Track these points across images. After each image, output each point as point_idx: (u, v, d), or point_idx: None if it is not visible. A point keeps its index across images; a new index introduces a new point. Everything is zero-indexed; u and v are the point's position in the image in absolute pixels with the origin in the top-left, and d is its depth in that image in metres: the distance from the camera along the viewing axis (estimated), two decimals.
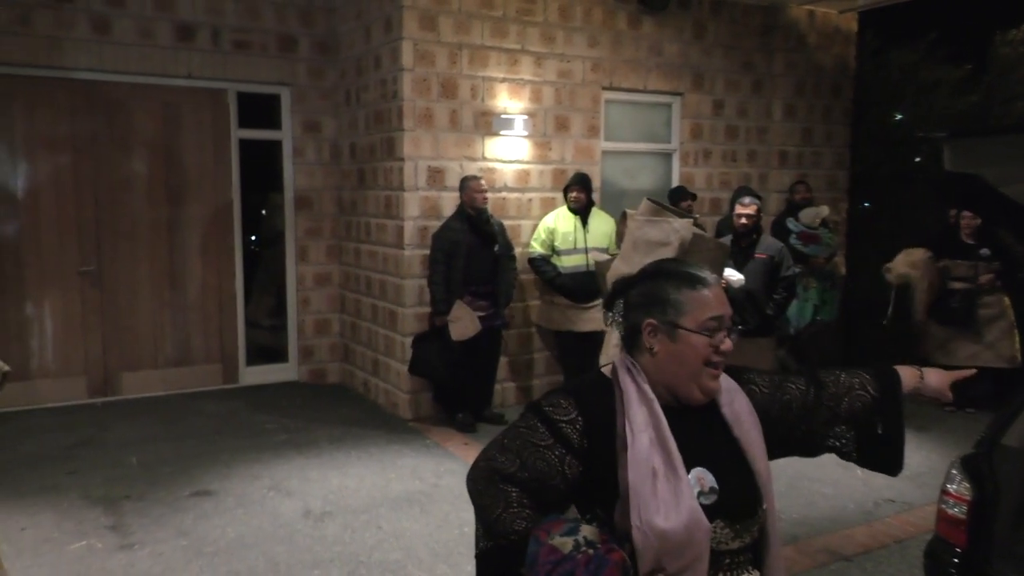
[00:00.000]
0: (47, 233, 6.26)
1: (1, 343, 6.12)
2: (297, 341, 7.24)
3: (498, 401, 6.41)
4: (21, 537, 4.06)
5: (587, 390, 1.71)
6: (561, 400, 1.67)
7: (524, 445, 1.64)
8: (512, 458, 1.65)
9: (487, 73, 6.20)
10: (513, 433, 1.69)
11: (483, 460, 1.71)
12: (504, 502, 1.63)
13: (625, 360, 1.69)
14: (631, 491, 1.54)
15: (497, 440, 1.72)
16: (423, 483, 4.89)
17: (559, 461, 1.62)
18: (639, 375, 1.66)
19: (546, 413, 1.65)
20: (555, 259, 6.13)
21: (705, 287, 1.67)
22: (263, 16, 6.72)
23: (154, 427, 5.87)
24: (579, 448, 1.62)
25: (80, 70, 6.17)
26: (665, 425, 1.60)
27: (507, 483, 1.64)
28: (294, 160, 7.04)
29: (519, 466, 1.64)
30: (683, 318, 1.64)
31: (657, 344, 1.65)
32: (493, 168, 6.30)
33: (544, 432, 1.64)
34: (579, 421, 1.63)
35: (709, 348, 1.64)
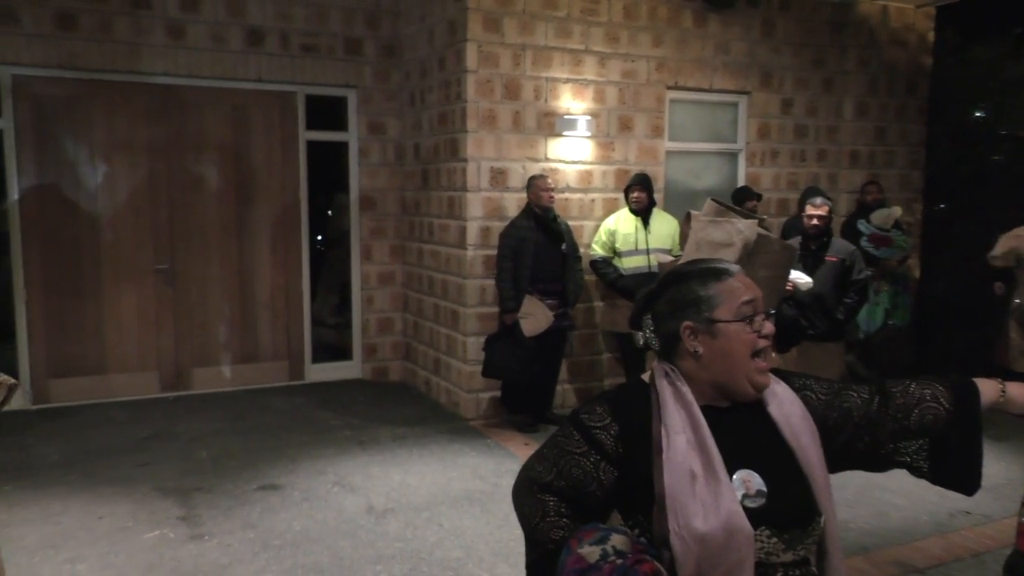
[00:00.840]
0: (124, 232, 6.48)
1: (80, 338, 6.38)
2: (361, 339, 7.35)
3: (559, 403, 6.39)
4: (99, 525, 4.21)
5: (623, 396, 1.70)
6: (597, 407, 1.66)
7: (560, 453, 1.64)
8: (549, 467, 1.65)
9: (550, 74, 6.19)
10: (551, 443, 1.69)
11: (523, 471, 1.72)
12: (542, 511, 1.63)
13: (663, 365, 1.67)
14: (668, 495, 1.51)
15: (537, 450, 1.72)
16: (484, 482, 4.91)
17: (594, 468, 1.60)
18: (677, 378, 1.63)
19: (581, 420, 1.65)
20: (616, 260, 6.09)
21: (730, 276, 1.64)
22: (330, 20, 6.84)
23: (223, 421, 6.03)
24: (614, 454, 1.60)
25: (156, 75, 6.37)
26: (704, 426, 1.57)
27: (545, 492, 1.64)
28: (359, 161, 7.15)
29: (556, 474, 1.63)
30: (718, 311, 1.61)
31: (700, 345, 1.62)
32: (556, 169, 6.28)
33: (579, 439, 1.63)
34: (613, 427, 1.62)
35: (752, 334, 1.61)
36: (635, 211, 6.09)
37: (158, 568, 3.76)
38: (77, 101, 6.25)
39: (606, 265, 6.10)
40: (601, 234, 6.16)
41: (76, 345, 6.38)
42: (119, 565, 3.78)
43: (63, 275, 6.31)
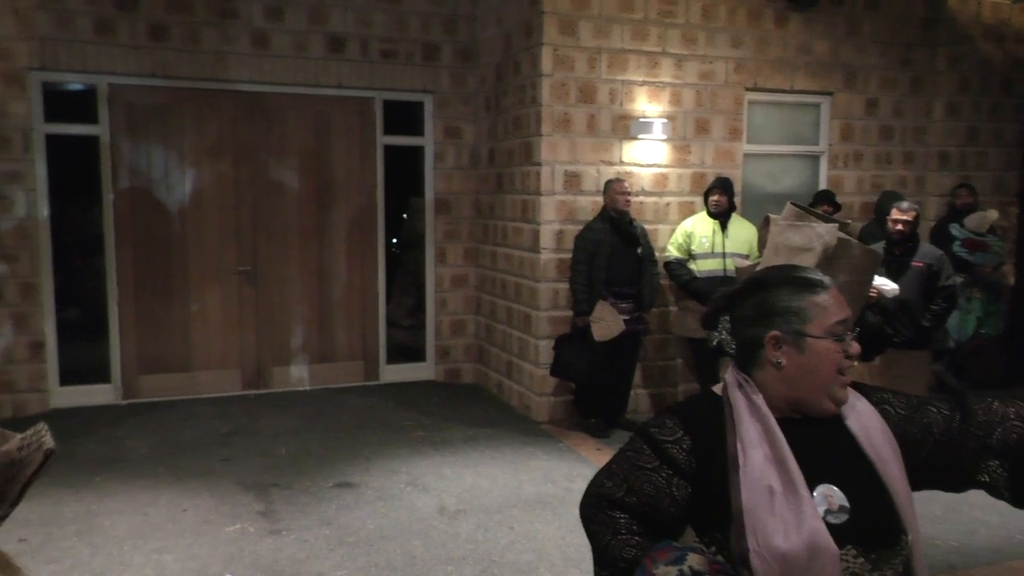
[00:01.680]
0: (209, 235, 6.72)
1: (168, 337, 6.63)
2: (434, 341, 7.43)
3: (632, 408, 6.33)
4: (184, 517, 4.37)
5: (694, 409, 1.64)
6: (667, 420, 1.61)
7: (631, 469, 1.59)
8: (619, 483, 1.60)
9: (626, 77, 6.15)
10: (620, 457, 1.64)
11: (592, 486, 1.67)
12: (612, 529, 1.58)
13: (736, 376, 1.60)
14: (745, 512, 1.45)
15: (606, 465, 1.68)
16: (555, 487, 4.90)
17: (666, 483, 1.55)
18: (752, 390, 1.56)
19: (651, 434, 1.59)
20: (691, 263, 6.01)
21: (824, 290, 1.56)
22: (409, 26, 6.95)
23: (301, 419, 6.18)
24: (687, 469, 1.55)
25: (242, 82, 6.58)
26: (782, 440, 1.50)
27: (615, 509, 1.60)
28: (435, 165, 7.24)
29: (626, 491, 1.59)
30: (809, 326, 1.54)
31: (784, 357, 1.55)
32: (630, 172, 6.23)
33: (650, 454, 1.58)
34: (685, 441, 1.56)
35: (840, 354, 1.54)
36: (714, 214, 5.99)
37: (238, 561, 3.88)
38: (167, 108, 6.51)
39: (680, 267, 6.02)
40: (677, 236, 6.09)
41: (164, 343, 6.64)
42: (202, 557, 3.91)
43: (152, 276, 6.58)
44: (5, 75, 5.88)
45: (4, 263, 6.00)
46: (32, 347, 6.15)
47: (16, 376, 6.11)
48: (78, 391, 6.39)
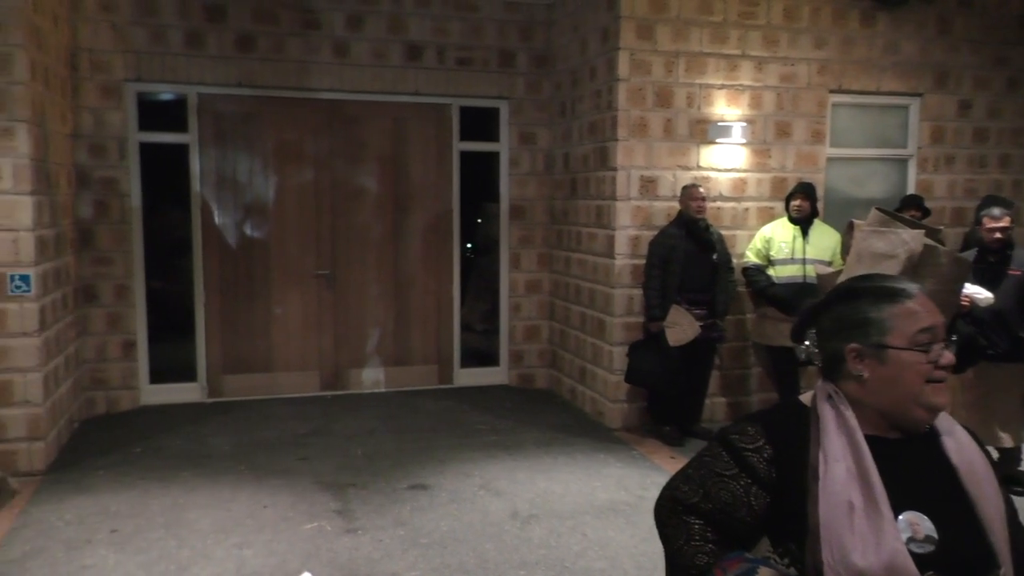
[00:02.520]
0: (290, 239, 6.90)
1: (250, 338, 6.84)
2: (508, 346, 7.45)
3: (707, 416, 6.22)
4: (264, 513, 4.49)
5: (778, 417, 1.60)
6: (748, 427, 1.57)
7: (708, 475, 1.57)
8: (695, 488, 1.58)
9: (704, 80, 6.06)
10: (697, 462, 1.62)
11: (667, 489, 1.65)
12: (686, 534, 1.56)
13: (826, 386, 1.56)
14: (823, 526, 1.41)
15: (682, 469, 1.65)
16: (628, 494, 4.85)
17: (744, 492, 1.52)
18: (841, 402, 1.51)
19: (731, 441, 1.56)
20: (770, 269, 5.87)
21: (908, 298, 1.50)
22: (485, 33, 7.01)
23: (376, 421, 6.28)
24: (766, 478, 1.52)
25: (322, 90, 6.75)
26: (867, 456, 1.45)
27: (689, 514, 1.58)
28: (510, 171, 7.27)
29: (702, 496, 1.56)
30: (889, 337, 1.48)
31: (866, 369, 1.50)
32: (708, 177, 6.14)
33: (728, 461, 1.55)
34: (766, 449, 1.53)
35: (927, 365, 1.47)
36: (795, 219, 5.84)
37: (315, 558, 3.96)
38: (252, 117, 6.72)
39: (758, 273, 5.89)
40: (756, 241, 5.97)
41: (246, 344, 6.85)
42: (281, 553, 4.01)
43: (236, 278, 6.79)
44: (103, 87, 6.17)
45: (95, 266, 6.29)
46: (125, 346, 6.42)
47: (110, 374, 6.40)
48: (166, 389, 6.65)
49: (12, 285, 4.90)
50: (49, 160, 5.34)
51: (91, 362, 6.32)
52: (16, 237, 4.88)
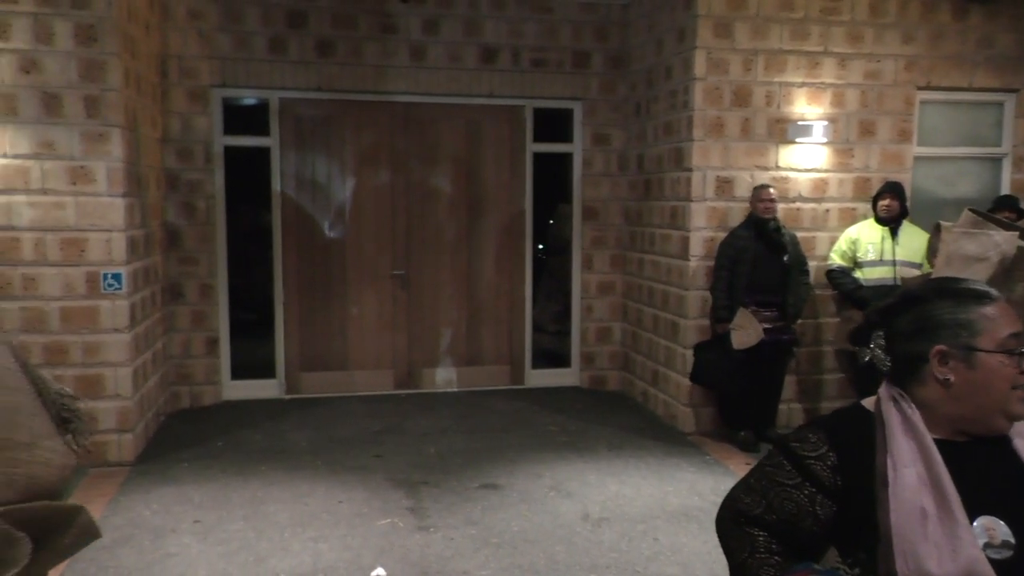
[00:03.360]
0: (367, 240, 7.03)
1: (327, 336, 6.99)
2: (579, 347, 7.43)
3: (783, 422, 6.07)
4: (339, 509, 4.58)
5: (841, 423, 1.54)
6: (809, 435, 1.52)
7: (770, 485, 1.52)
8: (757, 499, 1.53)
9: (784, 79, 5.91)
10: (759, 472, 1.57)
11: (728, 501, 1.61)
12: (750, 546, 1.52)
13: (890, 390, 1.50)
14: (895, 534, 1.36)
15: (743, 480, 1.61)
16: (702, 500, 4.77)
17: (808, 501, 1.47)
18: (907, 405, 1.46)
19: (792, 449, 1.52)
20: (856, 272, 5.69)
21: (992, 301, 1.45)
22: (560, 35, 7.00)
23: (449, 420, 6.33)
24: (831, 486, 1.47)
25: (399, 93, 6.85)
26: (938, 460, 1.39)
27: (753, 526, 1.53)
28: (583, 172, 7.25)
29: (765, 507, 1.52)
30: (979, 339, 1.42)
31: (952, 373, 1.44)
32: (787, 177, 5.99)
33: (790, 470, 1.50)
34: (830, 457, 1.48)
35: (1014, 369, 1.42)
36: (884, 220, 5.64)
37: (389, 554, 4.02)
38: (330, 120, 6.87)
39: (843, 275, 5.72)
40: (841, 243, 5.80)
41: (323, 342, 7.00)
42: (355, 548, 4.09)
43: (314, 278, 6.96)
44: (190, 92, 6.41)
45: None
46: (208, 343, 6.65)
47: (194, 369, 6.63)
48: (246, 385, 6.85)
49: (105, 283, 5.13)
50: (140, 163, 5.57)
51: (176, 358, 6.57)
52: (109, 237, 5.10)
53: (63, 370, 5.09)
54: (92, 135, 5.01)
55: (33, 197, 4.98)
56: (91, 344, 5.14)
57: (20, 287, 5.01)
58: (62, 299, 5.07)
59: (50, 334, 5.08)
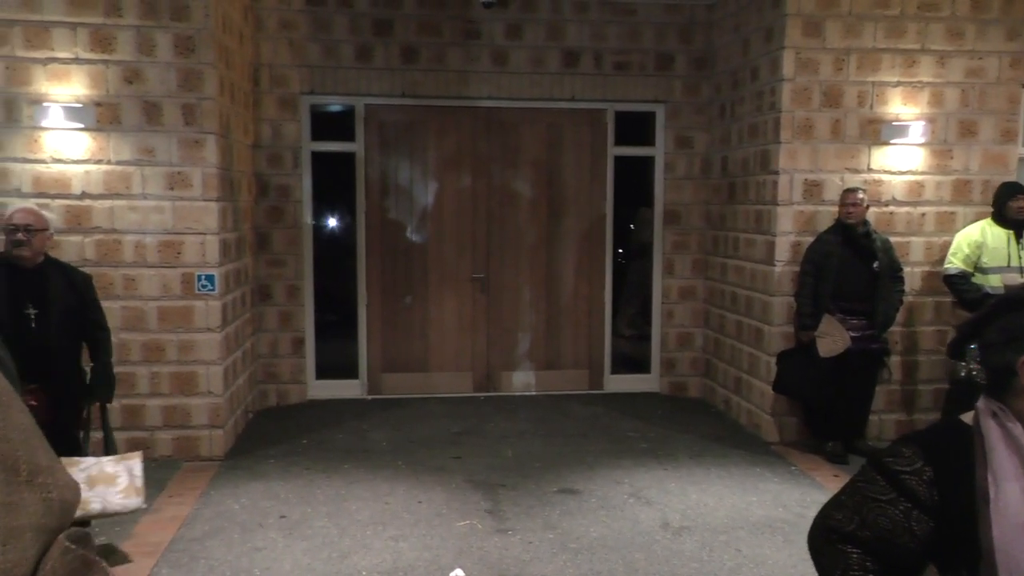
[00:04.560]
0: (448, 243, 7.10)
1: (408, 338, 7.09)
2: (660, 353, 7.33)
3: (874, 434, 5.85)
4: (419, 509, 4.63)
5: (937, 437, 1.49)
6: (903, 449, 1.47)
7: (863, 501, 1.47)
8: (850, 515, 1.49)
9: (877, 78, 5.71)
10: (851, 488, 1.52)
11: (820, 517, 1.56)
12: (844, 565, 1.47)
13: (989, 404, 1.44)
14: (998, 550, 1.30)
15: (835, 496, 1.56)
16: (787, 511, 4.63)
17: (904, 517, 1.42)
18: (1008, 419, 1.40)
19: (886, 464, 1.46)
20: (977, 277, 5.40)
21: None
22: (643, 37, 6.94)
23: (527, 424, 6.34)
24: (927, 502, 1.41)
25: (481, 98, 6.91)
26: None
27: (846, 543, 1.48)
28: (665, 175, 7.15)
29: (858, 524, 1.47)
30: None
31: None
32: (880, 180, 5.78)
33: (884, 485, 1.45)
34: (926, 472, 1.42)
35: None
36: (1012, 222, 5.33)
37: (467, 555, 4.04)
38: (413, 125, 6.98)
39: (965, 281, 5.41)
40: (962, 246, 5.45)
41: (404, 344, 7.11)
42: (434, 548, 4.13)
43: (396, 281, 7.07)
44: (281, 100, 6.61)
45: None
46: (294, 343, 6.83)
47: (281, 368, 6.83)
48: (330, 385, 7.02)
49: (199, 284, 5.33)
50: (233, 169, 5.78)
51: (264, 357, 6.77)
52: (203, 240, 5.31)
53: (160, 367, 5.32)
54: (189, 142, 5.22)
55: (134, 201, 5.22)
56: (185, 343, 5.35)
57: (121, 287, 5.26)
58: (159, 299, 5.30)
59: (148, 333, 5.31)
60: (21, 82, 5.05)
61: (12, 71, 5.04)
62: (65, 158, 5.14)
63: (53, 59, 5.06)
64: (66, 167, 5.15)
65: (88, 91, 5.10)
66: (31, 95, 5.06)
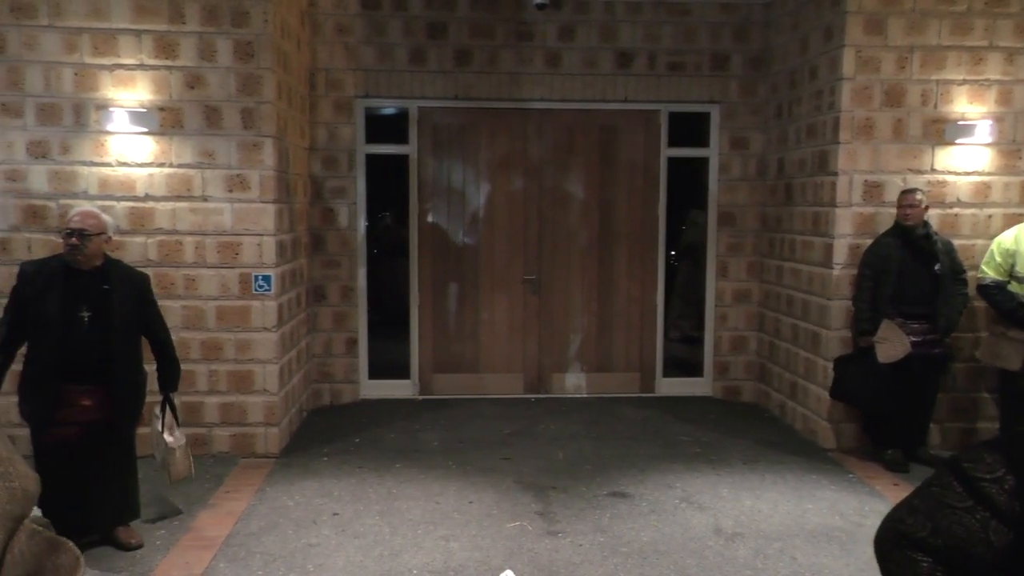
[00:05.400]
0: (499, 245, 7.12)
1: (459, 339, 7.13)
2: (713, 356, 7.23)
3: (936, 442, 5.69)
4: (469, 509, 4.65)
5: (1021, 444, 1.42)
6: (984, 455, 1.40)
7: (937, 507, 1.41)
8: (922, 521, 1.42)
9: (942, 76, 5.55)
10: (924, 493, 1.46)
11: (889, 522, 1.49)
12: (912, 572, 1.42)
13: None
14: None
15: (906, 501, 1.49)
16: (844, 520, 4.52)
17: (981, 526, 1.36)
18: None
19: (964, 470, 1.40)
20: (1013, 286, 5.22)
21: None
22: (698, 37, 6.86)
23: (578, 426, 6.31)
24: (1008, 511, 1.34)
25: (533, 100, 6.91)
26: None
27: (916, 550, 1.42)
28: (719, 176, 7.06)
29: (931, 531, 1.40)
30: None
31: None
32: (943, 181, 5.61)
33: (961, 492, 1.39)
34: (1007, 480, 1.35)
35: None
36: None
37: (517, 557, 4.04)
38: (466, 127, 7.02)
39: (1000, 292, 5.24)
40: (994, 254, 5.30)
41: (455, 345, 7.15)
42: (485, 548, 4.14)
43: (448, 282, 7.12)
44: (336, 103, 6.71)
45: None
46: (348, 343, 6.93)
47: (334, 368, 6.93)
48: (382, 385, 7.09)
49: (256, 284, 5.44)
50: (289, 171, 5.88)
51: (318, 356, 6.88)
52: (260, 241, 5.41)
53: (218, 365, 5.44)
54: (247, 145, 5.33)
55: (195, 203, 5.35)
56: (242, 341, 5.46)
57: (182, 287, 5.40)
58: (218, 299, 5.42)
59: (207, 331, 5.44)
60: (89, 88, 5.22)
61: (81, 77, 5.21)
62: (130, 161, 5.29)
63: (119, 65, 5.22)
64: (131, 170, 5.30)
65: (152, 96, 5.25)
66: (98, 100, 5.23)
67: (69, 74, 5.21)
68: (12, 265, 4.73)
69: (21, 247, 5.28)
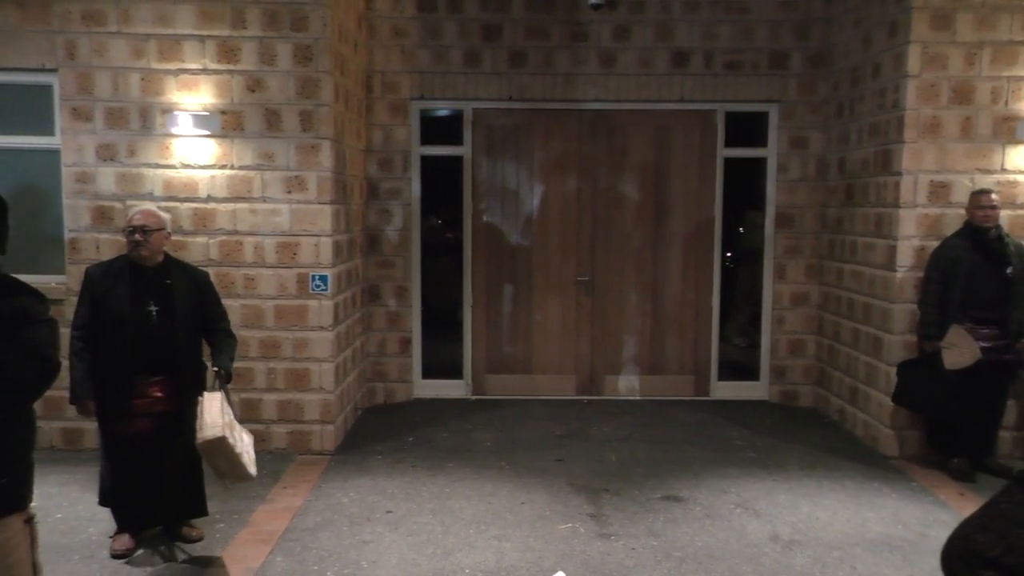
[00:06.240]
0: (553, 246, 7.11)
1: (512, 339, 7.14)
2: (769, 360, 7.10)
3: (1005, 451, 5.49)
4: (521, 510, 4.65)
5: None
6: None
7: (1009, 525, 1.38)
8: (994, 539, 1.38)
9: (1014, 72, 5.36)
10: (994, 510, 1.42)
11: (958, 539, 1.45)
12: None
13: None
14: None
15: (975, 517, 1.45)
16: (907, 530, 4.40)
17: None
18: None
19: None
20: None
21: None
22: (756, 35, 6.75)
23: (630, 429, 6.26)
24: None
25: (588, 101, 6.88)
26: None
27: (988, 568, 1.39)
28: (777, 177, 6.93)
29: (1004, 549, 1.37)
30: None
31: None
32: (1014, 181, 5.42)
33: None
34: None
35: None
36: None
37: (569, 559, 4.02)
38: (520, 128, 7.02)
39: None
40: None
41: (508, 346, 7.16)
42: (537, 549, 4.13)
43: (501, 282, 7.13)
44: (392, 105, 6.78)
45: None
46: (402, 343, 6.99)
47: (388, 367, 7.00)
48: (435, 384, 7.14)
49: (313, 284, 5.53)
50: (346, 173, 5.97)
51: (373, 356, 6.96)
52: (318, 242, 5.50)
53: (276, 363, 5.55)
54: (305, 147, 5.43)
55: (255, 204, 5.47)
56: (300, 340, 5.56)
57: (242, 286, 5.51)
58: (276, 298, 5.53)
59: (266, 330, 5.55)
60: (154, 92, 5.37)
61: (147, 82, 5.37)
62: (193, 163, 5.43)
63: (183, 70, 5.36)
64: (194, 172, 5.44)
65: (214, 100, 5.38)
66: (163, 104, 5.38)
67: (136, 79, 5.37)
68: (82, 264, 4.90)
69: (90, 247, 5.46)
